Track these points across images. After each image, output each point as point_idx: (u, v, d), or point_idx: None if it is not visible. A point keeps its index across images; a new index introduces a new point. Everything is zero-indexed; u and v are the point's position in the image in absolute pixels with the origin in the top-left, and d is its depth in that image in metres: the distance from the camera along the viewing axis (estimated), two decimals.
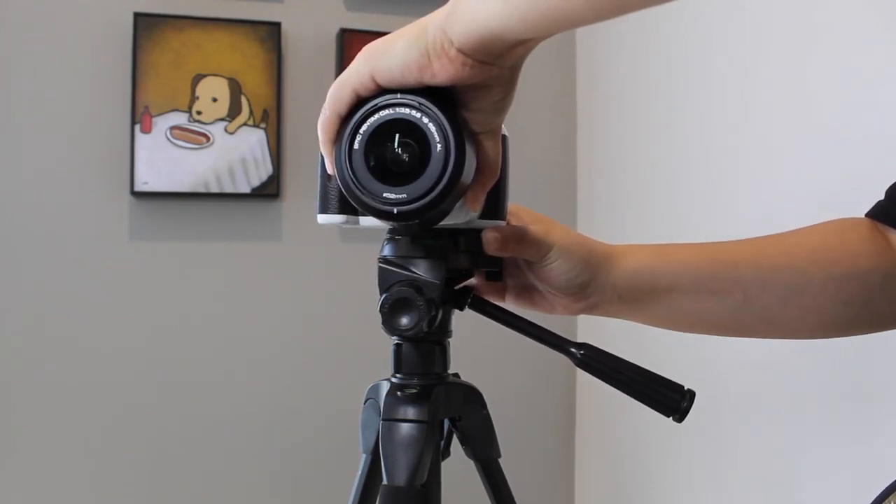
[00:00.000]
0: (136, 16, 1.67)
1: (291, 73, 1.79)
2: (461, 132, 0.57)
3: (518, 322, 0.74)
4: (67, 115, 1.67)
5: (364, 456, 0.79)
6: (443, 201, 0.58)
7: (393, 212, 0.58)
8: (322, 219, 0.71)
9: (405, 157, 0.59)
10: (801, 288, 0.70)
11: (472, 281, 0.74)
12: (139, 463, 1.70)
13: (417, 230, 0.68)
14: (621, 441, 1.80)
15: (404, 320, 0.67)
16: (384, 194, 0.58)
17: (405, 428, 0.70)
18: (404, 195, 0.58)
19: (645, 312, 0.73)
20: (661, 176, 1.67)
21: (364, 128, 0.59)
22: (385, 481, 0.68)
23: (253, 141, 1.73)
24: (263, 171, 1.73)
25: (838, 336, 0.76)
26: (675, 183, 1.62)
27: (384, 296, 0.67)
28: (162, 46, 1.68)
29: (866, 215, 0.75)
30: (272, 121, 1.74)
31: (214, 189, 1.71)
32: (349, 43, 1.79)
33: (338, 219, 0.70)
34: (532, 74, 2.09)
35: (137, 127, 1.67)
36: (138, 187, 1.67)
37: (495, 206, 0.71)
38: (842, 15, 1.23)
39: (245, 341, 1.76)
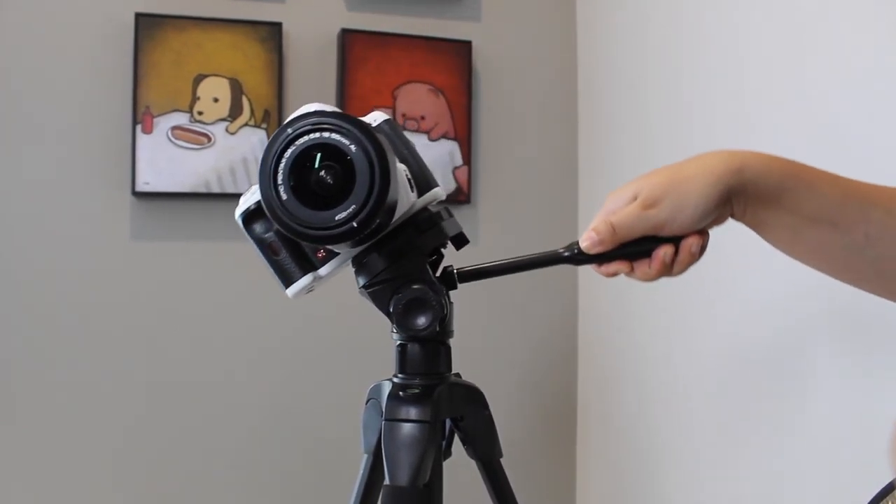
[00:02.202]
0: (138, 16, 1.67)
1: (292, 74, 1.79)
2: (364, 126, 0.59)
3: (508, 266, 0.75)
4: (68, 116, 1.67)
5: (365, 456, 0.79)
6: (388, 190, 0.58)
7: (353, 226, 0.59)
8: (292, 292, 0.71)
9: (329, 178, 0.59)
10: None
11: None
12: (138, 461, 1.70)
13: (376, 241, 0.68)
14: (623, 441, 1.80)
15: (421, 320, 0.68)
16: (336, 217, 0.59)
17: (407, 428, 0.70)
18: (353, 206, 0.59)
19: (770, 227, 0.71)
20: None
21: (280, 179, 0.60)
22: (387, 481, 0.69)
23: (254, 141, 1.73)
24: None
25: None
26: None
27: (396, 297, 0.67)
28: (163, 46, 1.68)
29: None
30: (273, 121, 1.74)
31: (216, 189, 1.71)
32: (350, 43, 1.79)
33: (304, 281, 0.70)
34: (533, 73, 2.10)
35: (139, 127, 1.67)
36: (139, 187, 1.67)
37: (424, 180, 0.72)
38: (841, 8, 1.23)
39: (246, 341, 1.76)
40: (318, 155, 0.59)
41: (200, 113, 1.70)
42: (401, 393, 0.73)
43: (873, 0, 1.18)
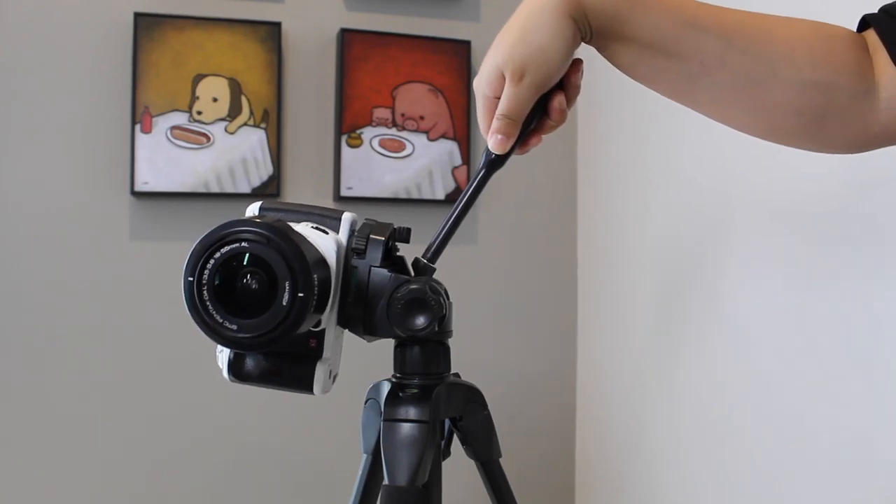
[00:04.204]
0: (137, 16, 1.67)
1: (292, 73, 1.79)
2: (244, 222, 0.60)
3: (455, 218, 0.75)
4: (68, 115, 1.67)
5: (365, 456, 0.79)
6: (301, 251, 0.59)
7: (301, 296, 0.59)
8: (318, 390, 0.70)
9: (254, 283, 0.60)
10: (763, 80, 0.68)
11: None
12: (137, 464, 1.70)
13: (340, 295, 0.68)
14: (622, 441, 1.80)
15: (420, 320, 0.68)
16: (283, 304, 0.59)
17: (406, 428, 0.70)
18: (286, 284, 0.59)
19: (611, 53, 0.72)
20: (661, 175, 1.67)
21: (220, 318, 0.61)
22: (386, 481, 0.68)
23: (253, 141, 1.73)
24: (264, 171, 1.73)
25: (778, 142, 0.73)
26: (675, 181, 1.62)
27: (395, 296, 0.67)
28: (162, 46, 1.68)
29: (859, 30, 0.71)
30: (272, 121, 1.74)
31: (215, 189, 1.71)
32: (349, 43, 1.79)
33: (320, 374, 0.69)
34: None
35: (138, 127, 1.67)
36: (139, 187, 1.67)
37: (330, 218, 0.72)
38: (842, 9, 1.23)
39: None
40: (230, 273, 0.60)
41: (199, 113, 1.70)
42: (400, 393, 0.73)
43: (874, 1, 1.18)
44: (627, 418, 1.78)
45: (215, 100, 1.71)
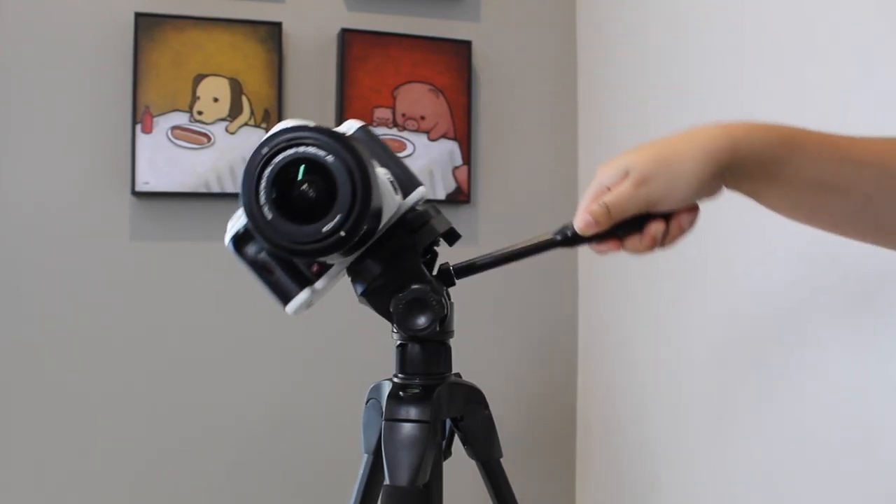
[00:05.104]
0: (137, 16, 1.67)
1: (292, 73, 1.79)
2: (339, 136, 0.59)
3: (503, 256, 0.76)
4: (68, 115, 1.67)
5: (365, 456, 0.79)
6: (370, 196, 0.59)
7: (341, 235, 0.59)
8: (291, 308, 0.71)
9: (311, 192, 0.60)
10: None
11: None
12: (137, 462, 1.70)
13: (368, 247, 0.68)
14: (623, 441, 1.80)
15: (421, 320, 0.68)
16: (323, 230, 0.59)
17: (407, 428, 0.70)
18: (338, 216, 0.59)
19: (766, 196, 0.72)
20: None
21: (263, 199, 0.60)
22: (387, 481, 0.69)
23: (254, 141, 1.72)
24: None
25: None
26: None
27: (397, 297, 0.68)
28: (163, 46, 1.68)
29: None
30: (273, 121, 1.74)
31: (215, 189, 1.71)
32: (350, 43, 1.79)
33: (302, 297, 0.70)
34: (533, 73, 2.09)
35: (138, 127, 1.67)
36: (139, 187, 1.67)
37: (408, 181, 0.72)
38: (843, 14, 1.23)
39: (245, 341, 1.76)
40: (298, 170, 0.60)
41: (200, 113, 1.70)
42: (401, 393, 0.73)
43: (875, 2, 1.18)
44: (628, 418, 1.78)
45: (216, 100, 1.71)
